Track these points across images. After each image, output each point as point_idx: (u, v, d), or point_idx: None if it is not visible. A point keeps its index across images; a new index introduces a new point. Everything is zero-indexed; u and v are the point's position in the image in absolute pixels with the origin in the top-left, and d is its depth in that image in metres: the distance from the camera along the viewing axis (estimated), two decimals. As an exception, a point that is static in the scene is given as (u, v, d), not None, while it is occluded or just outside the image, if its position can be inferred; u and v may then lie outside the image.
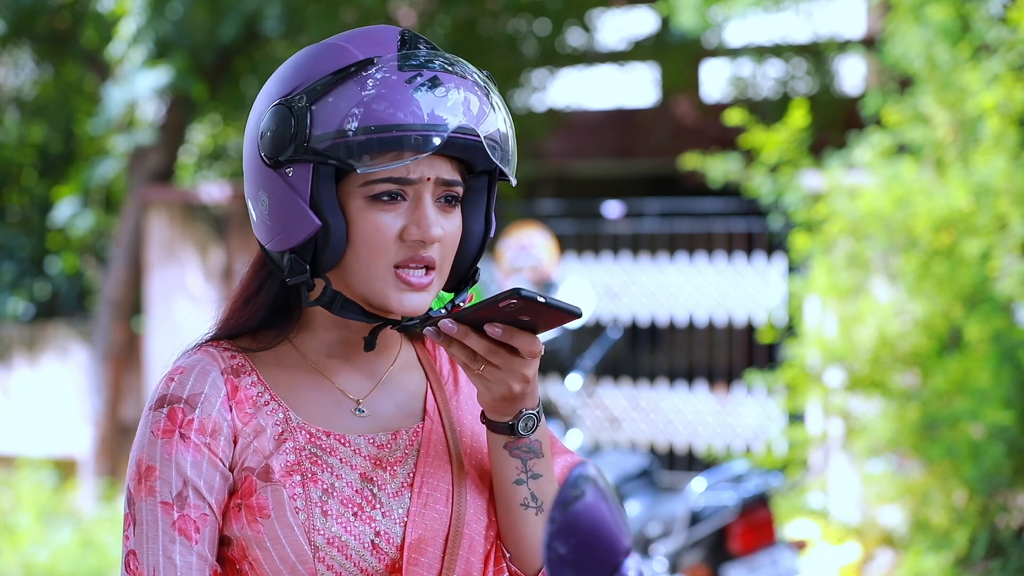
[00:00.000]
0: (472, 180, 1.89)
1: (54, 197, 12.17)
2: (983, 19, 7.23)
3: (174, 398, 1.85)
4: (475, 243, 1.91)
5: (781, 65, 11.63)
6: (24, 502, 9.70)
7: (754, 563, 6.37)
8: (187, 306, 10.26)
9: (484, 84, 1.85)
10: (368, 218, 1.81)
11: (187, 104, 10.74)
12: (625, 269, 9.76)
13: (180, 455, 1.82)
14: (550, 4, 11.02)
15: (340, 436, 1.87)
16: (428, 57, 1.82)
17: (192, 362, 1.88)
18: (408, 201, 1.82)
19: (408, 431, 1.90)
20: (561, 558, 1.56)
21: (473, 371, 1.81)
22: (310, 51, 1.86)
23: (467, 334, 1.79)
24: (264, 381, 1.88)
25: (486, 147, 1.81)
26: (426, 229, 1.81)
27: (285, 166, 1.82)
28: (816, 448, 8.05)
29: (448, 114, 1.78)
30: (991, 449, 6.70)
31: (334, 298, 1.85)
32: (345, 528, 1.81)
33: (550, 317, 1.77)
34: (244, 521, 1.82)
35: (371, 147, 1.77)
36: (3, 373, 11.69)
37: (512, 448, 1.86)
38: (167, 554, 1.81)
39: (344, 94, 1.79)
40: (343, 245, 1.82)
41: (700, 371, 10.00)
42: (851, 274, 7.50)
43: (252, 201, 1.87)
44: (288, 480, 1.82)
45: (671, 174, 11.53)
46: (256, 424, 1.85)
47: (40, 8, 10.77)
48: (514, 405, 1.83)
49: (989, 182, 6.91)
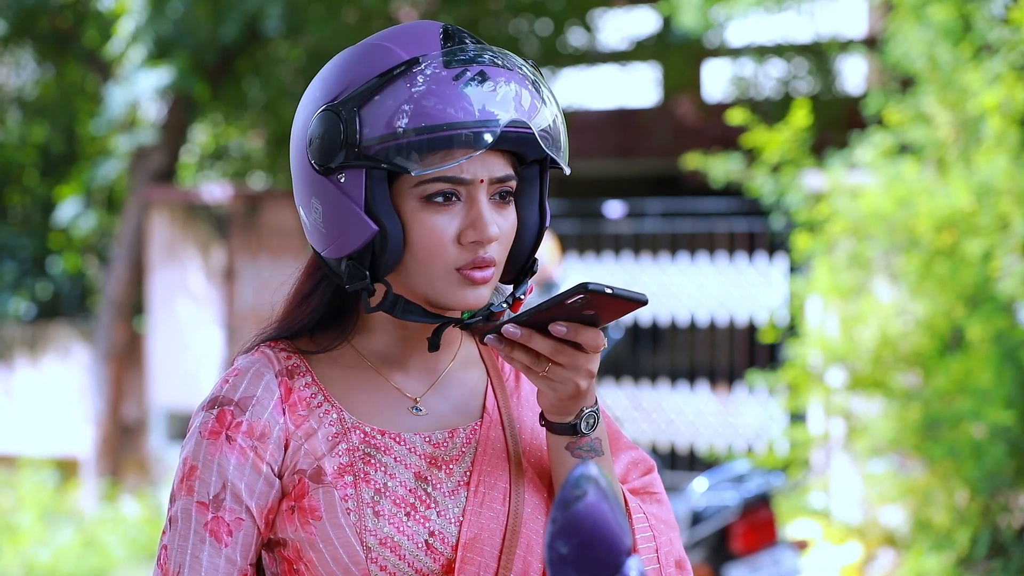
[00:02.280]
0: (524, 171, 1.86)
1: (56, 197, 12.18)
2: (985, 19, 7.23)
3: (226, 400, 1.83)
4: (531, 234, 1.88)
5: (783, 65, 11.63)
6: (26, 502, 9.71)
7: (756, 563, 6.37)
8: (189, 306, 10.27)
9: (534, 76, 1.83)
10: (423, 220, 1.79)
11: (189, 104, 10.75)
12: (627, 269, 9.76)
13: (223, 457, 1.81)
14: (551, 4, 11.02)
15: (395, 435, 1.85)
16: (476, 52, 1.80)
17: (248, 363, 1.86)
18: (463, 201, 1.80)
19: (466, 429, 1.88)
20: (563, 558, 1.56)
21: (537, 373, 1.79)
22: (353, 53, 1.84)
23: (531, 336, 1.76)
24: (319, 382, 1.86)
25: (539, 140, 1.79)
26: (483, 230, 1.78)
27: (337, 172, 1.79)
28: (818, 448, 8.05)
29: (499, 109, 1.76)
30: (993, 449, 6.70)
31: (396, 302, 1.82)
32: (398, 528, 1.79)
33: (615, 308, 1.74)
34: (297, 523, 1.81)
35: (422, 146, 1.75)
36: (5, 373, 11.70)
37: (574, 448, 1.83)
38: (195, 553, 1.80)
39: (392, 95, 1.77)
40: (401, 249, 1.79)
41: (702, 371, 10.00)
42: (853, 274, 7.50)
43: (304, 208, 1.85)
44: (340, 481, 1.80)
45: (673, 174, 11.53)
46: (308, 426, 1.83)
47: (42, 8, 10.78)
48: (577, 404, 1.81)
49: (991, 182, 6.91)
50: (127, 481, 10.53)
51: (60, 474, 10.78)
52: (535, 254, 1.90)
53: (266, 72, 10.78)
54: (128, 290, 10.74)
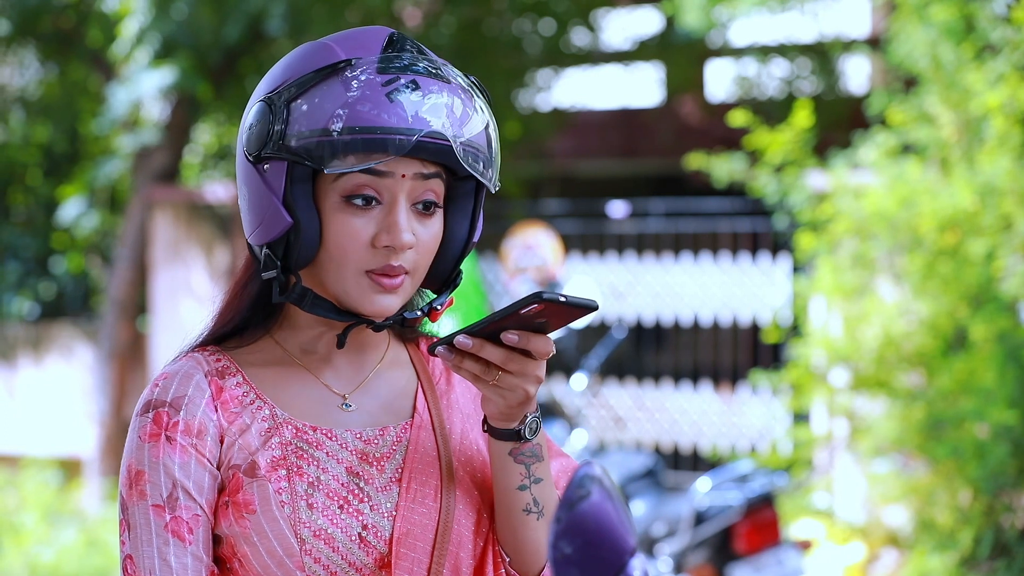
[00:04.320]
0: (457, 184, 1.88)
1: (59, 197, 12.18)
2: (988, 19, 7.22)
3: (159, 402, 1.85)
4: (457, 246, 1.90)
5: (786, 65, 11.62)
6: (29, 502, 9.71)
7: (759, 563, 6.37)
8: (192, 306, 10.27)
9: (468, 88, 1.84)
10: (341, 220, 1.81)
11: (192, 104, 10.75)
12: (630, 269, 9.76)
13: (167, 457, 1.83)
14: (555, 4, 11.02)
15: (327, 431, 1.87)
16: (411, 60, 1.81)
17: (176, 368, 1.89)
18: (382, 205, 1.81)
19: (396, 427, 1.91)
20: (566, 558, 1.56)
21: (487, 382, 1.80)
22: (302, 49, 1.87)
23: (483, 346, 1.77)
24: (249, 381, 1.89)
25: (456, 152, 1.79)
26: (396, 236, 1.81)
27: (263, 162, 1.83)
28: (821, 448, 8.05)
29: (426, 117, 1.77)
30: (996, 449, 6.70)
31: (304, 295, 1.86)
32: (331, 521, 1.82)
33: (566, 315, 1.75)
34: (232, 518, 1.83)
35: (342, 147, 1.77)
36: (8, 373, 11.70)
37: (517, 454, 1.86)
38: (162, 556, 1.81)
39: (321, 93, 1.79)
40: (315, 244, 1.82)
41: (705, 371, 10.00)
42: (856, 274, 7.50)
43: (239, 194, 1.89)
44: (274, 475, 1.83)
45: (676, 174, 11.53)
46: (242, 422, 1.86)
47: (45, 8, 10.78)
48: (523, 410, 1.83)
49: (994, 182, 6.90)
50: (130, 481, 10.52)
51: (63, 474, 10.78)
52: (459, 267, 1.92)
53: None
54: (131, 290, 10.74)
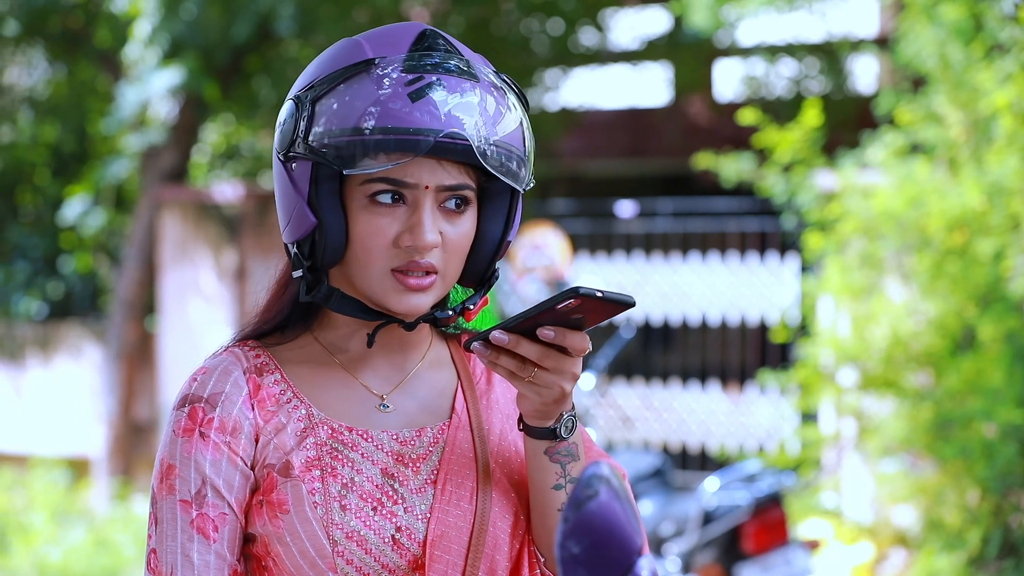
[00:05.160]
0: (491, 183, 1.85)
1: (67, 196, 12.19)
2: (996, 18, 7.22)
3: (195, 397, 1.85)
4: (490, 245, 1.88)
5: (794, 64, 11.62)
6: (37, 501, 9.73)
7: (767, 563, 6.36)
8: (200, 305, 10.28)
9: (500, 86, 1.82)
10: (366, 219, 1.81)
11: (200, 104, 10.76)
12: (638, 269, 9.76)
13: (199, 453, 1.83)
14: (563, 4, 11.02)
15: (363, 431, 1.86)
16: (440, 59, 1.80)
17: (216, 363, 1.88)
18: (407, 205, 1.80)
19: (433, 428, 1.89)
20: (575, 557, 1.55)
21: (523, 379, 1.79)
22: (334, 46, 1.86)
23: (519, 342, 1.76)
24: (288, 379, 1.88)
25: (477, 153, 1.77)
26: (419, 236, 1.79)
27: (291, 161, 1.82)
28: (829, 448, 8.05)
29: (446, 117, 1.76)
30: (1004, 448, 6.69)
31: (331, 294, 1.86)
32: (364, 522, 1.81)
33: (603, 311, 1.74)
34: (266, 517, 1.82)
35: (365, 147, 1.77)
36: (17, 373, 11.71)
37: (552, 453, 1.84)
38: (185, 552, 1.81)
39: (347, 92, 1.79)
40: (341, 244, 1.82)
41: (713, 371, 10.00)
42: (864, 273, 7.49)
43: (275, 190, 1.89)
44: (307, 475, 1.82)
45: (684, 173, 11.53)
46: (277, 421, 1.85)
47: (53, 8, 10.79)
48: (559, 408, 1.81)
49: (1002, 181, 6.90)
50: (138, 481, 10.54)
51: (71, 474, 10.79)
52: (495, 266, 1.90)
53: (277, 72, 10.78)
54: (139, 290, 10.75)
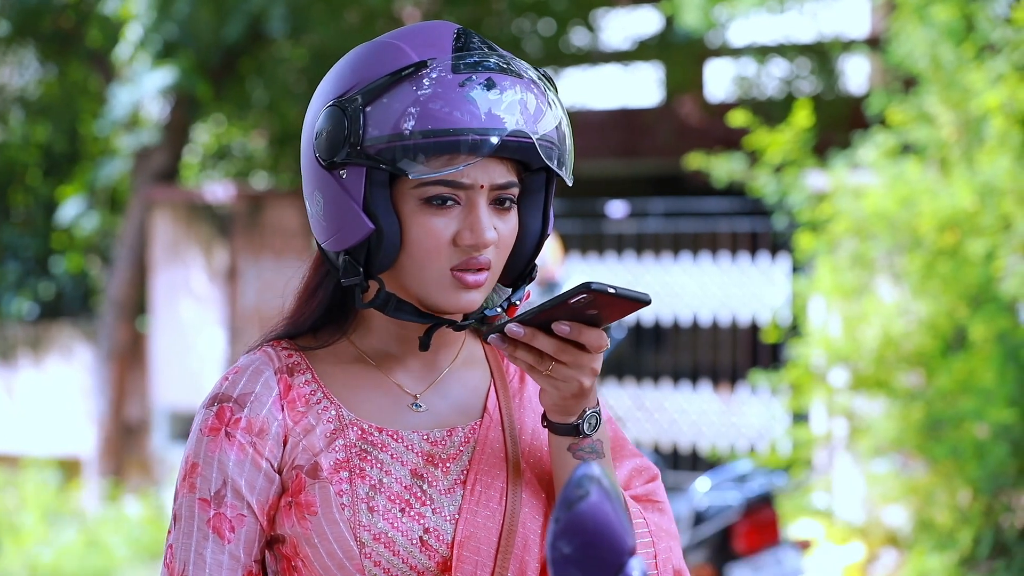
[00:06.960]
0: (529, 178, 1.86)
1: (59, 197, 12.18)
2: (988, 19, 7.23)
3: (224, 397, 1.85)
4: (532, 241, 1.88)
5: (785, 65, 11.62)
6: (28, 502, 9.72)
7: (758, 563, 6.37)
8: (191, 306, 10.27)
9: (540, 82, 1.83)
10: (421, 222, 1.80)
11: (191, 104, 10.75)
12: (629, 269, 9.76)
13: (223, 453, 1.83)
14: (554, 4, 11.02)
15: (393, 432, 1.85)
16: (483, 56, 1.80)
17: (248, 362, 1.88)
18: (462, 205, 1.80)
19: (465, 428, 1.88)
20: (565, 558, 1.56)
21: (540, 372, 1.79)
22: (367, 50, 1.85)
23: (535, 335, 1.77)
24: (319, 379, 1.88)
25: (539, 150, 1.78)
26: (479, 234, 1.79)
27: (339, 168, 1.81)
28: (820, 448, 8.05)
29: (503, 116, 1.76)
30: (995, 449, 6.70)
31: (388, 300, 1.84)
32: (392, 524, 1.80)
33: (618, 308, 1.74)
34: (294, 518, 1.82)
35: (423, 150, 1.76)
36: (8, 373, 11.70)
37: (576, 450, 1.83)
38: (198, 550, 1.82)
39: (399, 96, 1.78)
40: (396, 248, 1.81)
41: (704, 371, 10.00)
42: (855, 274, 7.50)
43: (308, 200, 1.86)
44: (335, 476, 1.81)
45: (675, 174, 11.53)
46: (307, 422, 1.84)
47: (45, 8, 10.78)
48: (580, 403, 1.81)
49: (993, 182, 6.91)
50: (130, 481, 10.53)
51: (63, 474, 10.79)
52: (535, 260, 1.90)
53: (269, 72, 10.79)
54: (131, 290, 10.75)
